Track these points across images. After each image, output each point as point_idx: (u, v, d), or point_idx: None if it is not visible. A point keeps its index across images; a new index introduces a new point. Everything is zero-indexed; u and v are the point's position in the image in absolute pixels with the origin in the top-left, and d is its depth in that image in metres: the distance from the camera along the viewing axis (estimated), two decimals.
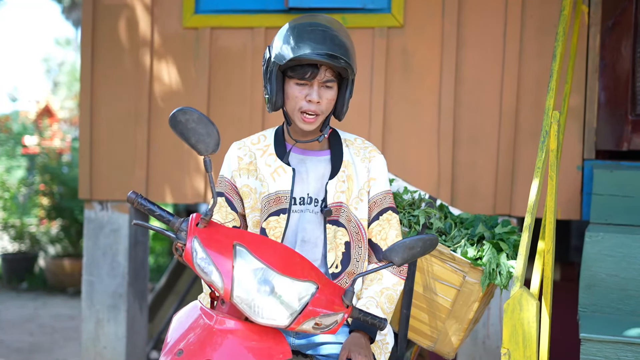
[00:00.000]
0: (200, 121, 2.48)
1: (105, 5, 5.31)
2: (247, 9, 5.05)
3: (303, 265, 2.55)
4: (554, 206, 3.33)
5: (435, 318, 3.36)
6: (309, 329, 2.52)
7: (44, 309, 8.74)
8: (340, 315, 2.55)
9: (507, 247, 3.33)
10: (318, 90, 2.80)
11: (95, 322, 5.31)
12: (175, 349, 2.48)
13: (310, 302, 2.48)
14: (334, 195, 2.91)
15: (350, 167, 2.95)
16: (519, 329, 2.82)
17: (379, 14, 4.90)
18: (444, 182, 4.78)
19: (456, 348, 3.40)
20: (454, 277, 3.29)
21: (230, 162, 2.99)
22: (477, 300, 3.29)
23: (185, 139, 2.50)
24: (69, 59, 35.29)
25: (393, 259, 2.60)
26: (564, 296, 5.02)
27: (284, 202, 2.90)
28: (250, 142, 3.00)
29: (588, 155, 4.62)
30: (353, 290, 2.56)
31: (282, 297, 2.47)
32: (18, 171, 12.39)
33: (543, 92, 4.67)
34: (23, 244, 10.39)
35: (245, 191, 2.95)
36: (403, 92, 4.89)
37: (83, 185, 5.32)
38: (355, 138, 3.04)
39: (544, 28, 4.69)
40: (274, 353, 2.49)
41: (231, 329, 2.48)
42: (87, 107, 5.32)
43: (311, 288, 2.50)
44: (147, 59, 5.22)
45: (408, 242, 2.60)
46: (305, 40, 2.74)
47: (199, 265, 2.48)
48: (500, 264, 3.26)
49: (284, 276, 2.48)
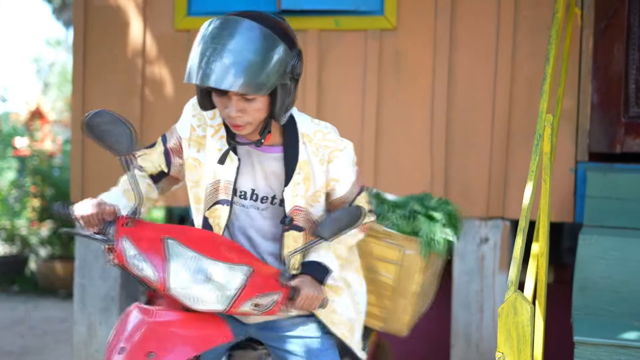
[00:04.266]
0: (114, 122, 2.47)
1: (97, 7, 5.28)
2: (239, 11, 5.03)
3: (236, 251, 2.60)
4: (547, 209, 3.33)
5: (382, 297, 3.38)
6: (248, 311, 2.55)
7: (35, 311, 8.70)
8: (277, 294, 2.58)
9: (440, 216, 3.41)
10: (237, 103, 2.54)
11: (87, 325, 5.28)
12: (117, 347, 2.50)
13: (247, 285, 2.51)
14: (292, 200, 2.76)
15: (307, 167, 2.76)
16: (513, 333, 2.81)
17: (372, 16, 4.88)
18: (437, 184, 4.78)
19: (407, 325, 3.43)
20: (393, 252, 3.33)
21: (183, 125, 2.82)
22: (418, 271, 3.32)
23: (101, 142, 2.50)
24: (60, 60, 35.19)
25: (322, 233, 2.61)
26: (557, 298, 5.01)
27: (226, 192, 2.77)
28: (207, 112, 2.78)
29: (581, 158, 4.62)
30: (287, 269, 2.59)
31: (218, 282, 2.49)
32: (8, 173, 12.35)
33: (536, 94, 4.66)
34: (14, 246, 10.35)
35: (192, 164, 2.80)
36: (396, 94, 4.88)
37: (75, 188, 5.29)
38: (315, 132, 2.77)
39: (537, 30, 4.69)
40: (215, 338, 2.56)
41: (169, 320, 2.52)
42: (79, 108, 5.30)
43: (246, 271, 2.52)
44: (139, 60, 5.20)
45: (333, 215, 2.61)
46: (204, 69, 2.46)
47: (131, 262, 2.51)
48: (436, 232, 3.33)
49: (218, 261, 2.51)
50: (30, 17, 51.56)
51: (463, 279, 4.76)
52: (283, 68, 2.53)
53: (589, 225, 4.17)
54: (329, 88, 4.95)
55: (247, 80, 2.45)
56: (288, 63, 2.55)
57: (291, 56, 2.56)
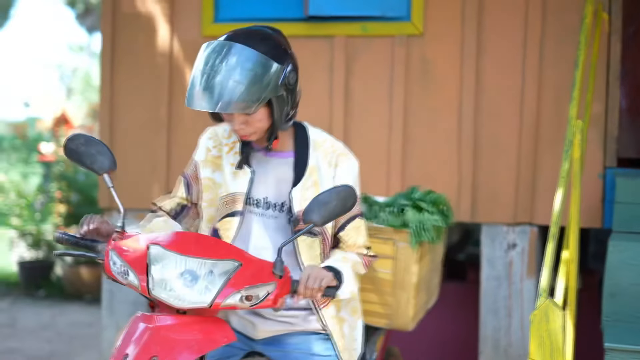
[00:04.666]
0: (89, 142, 2.66)
1: (125, 14, 5.32)
2: (266, 17, 5.04)
3: (224, 248, 2.61)
4: (577, 216, 3.33)
5: (382, 294, 3.41)
6: (237, 304, 2.54)
7: (61, 316, 8.75)
8: (272, 285, 2.56)
9: (426, 204, 3.46)
10: (237, 117, 2.69)
11: (115, 331, 5.31)
12: (121, 356, 2.53)
13: (232, 278, 2.51)
14: (301, 202, 2.80)
15: (316, 173, 2.84)
16: (546, 340, 2.81)
17: (399, 22, 4.89)
18: (465, 190, 4.77)
19: (412, 319, 3.45)
20: (386, 247, 3.38)
21: (199, 151, 2.96)
22: (414, 262, 3.36)
23: (81, 164, 2.66)
24: (83, 65, 35.38)
25: (312, 218, 2.60)
26: (585, 304, 5.00)
27: (239, 204, 2.85)
28: (222, 133, 2.94)
29: (609, 163, 4.61)
30: (281, 260, 2.56)
31: (204, 279, 2.51)
32: (34, 178, 12.43)
33: (563, 99, 4.65)
34: (40, 251, 10.40)
35: (207, 184, 2.91)
36: (423, 100, 4.88)
37: (103, 194, 5.33)
38: (325, 140, 2.89)
39: (564, 36, 4.68)
40: (217, 338, 2.56)
41: (170, 324, 2.54)
42: (106, 116, 5.33)
43: (232, 265, 2.53)
44: (166, 67, 5.23)
45: (321, 197, 2.61)
46: (200, 93, 2.63)
47: (117, 272, 2.59)
48: (424, 220, 3.38)
49: (202, 259, 2.53)
50: (53, 23, 51.92)
51: (491, 285, 4.75)
52: (274, 83, 2.64)
53: (618, 232, 4.14)
54: (356, 94, 4.96)
55: (232, 101, 2.59)
56: (279, 77, 2.65)
57: (282, 69, 2.66)
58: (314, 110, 4.88)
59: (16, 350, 7.12)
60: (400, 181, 4.84)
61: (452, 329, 5.52)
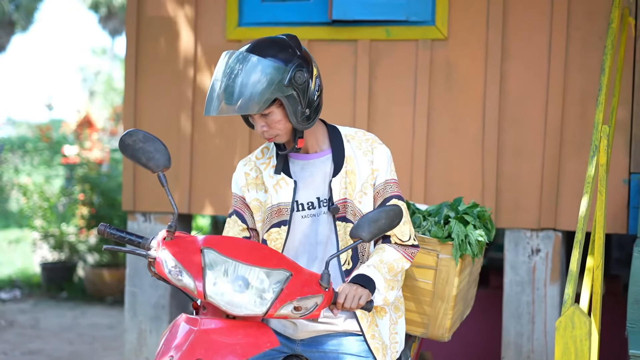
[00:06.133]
0: (147, 139, 2.69)
1: (149, 17, 5.34)
2: (290, 21, 5.05)
3: (274, 257, 2.65)
4: (603, 221, 3.30)
5: (421, 304, 3.45)
6: (288, 314, 2.61)
7: (83, 318, 8.80)
8: (320, 297, 2.63)
9: (471, 218, 3.48)
10: (258, 120, 2.83)
11: (137, 333, 5.33)
12: (165, 357, 2.56)
13: (285, 288, 2.57)
14: (339, 192, 2.93)
15: (352, 162, 2.95)
16: (571, 346, 2.79)
17: (423, 26, 4.88)
18: (488, 194, 4.75)
19: (449, 329, 3.47)
20: (428, 258, 3.41)
21: (237, 180, 3.06)
22: (455, 275, 3.39)
23: (136, 160, 2.69)
24: (105, 68, 35.58)
25: (360, 234, 2.71)
26: (608, 310, 4.97)
27: (285, 213, 2.95)
28: (255, 157, 3.07)
29: (635, 169, 4.58)
30: (328, 273, 2.65)
31: (256, 287, 2.57)
32: (57, 180, 12.49)
33: (588, 104, 4.63)
34: (62, 253, 10.46)
35: (255, 205, 3.01)
36: (446, 104, 4.87)
37: (126, 197, 5.35)
38: (356, 131, 3.04)
39: (589, 40, 4.65)
40: (261, 343, 2.60)
41: (215, 328, 2.58)
42: (130, 118, 5.35)
43: (284, 275, 2.59)
44: (190, 71, 5.25)
45: (371, 216, 2.72)
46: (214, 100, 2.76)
47: (170, 273, 2.60)
48: (468, 234, 3.40)
49: (256, 267, 2.58)
50: (76, 26, 52.21)
51: (514, 290, 4.73)
52: (278, 82, 2.75)
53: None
54: (379, 98, 4.95)
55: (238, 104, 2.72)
56: (284, 78, 2.75)
57: (286, 70, 2.76)
58: (337, 113, 4.88)
59: (38, 351, 7.16)
60: (423, 185, 4.83)
61: (475, 334, 5.50)
